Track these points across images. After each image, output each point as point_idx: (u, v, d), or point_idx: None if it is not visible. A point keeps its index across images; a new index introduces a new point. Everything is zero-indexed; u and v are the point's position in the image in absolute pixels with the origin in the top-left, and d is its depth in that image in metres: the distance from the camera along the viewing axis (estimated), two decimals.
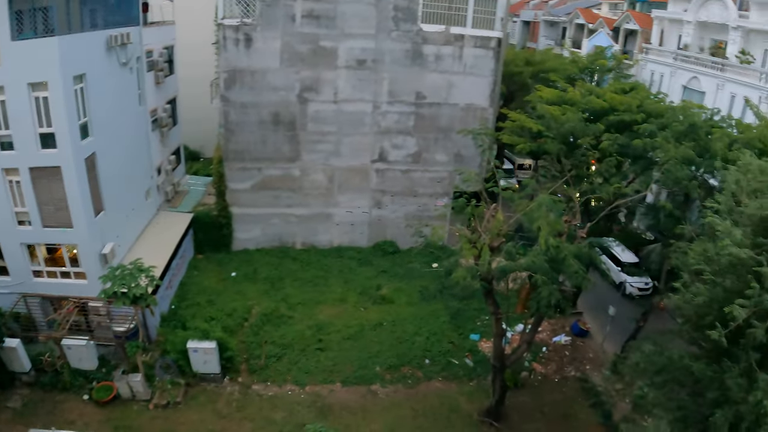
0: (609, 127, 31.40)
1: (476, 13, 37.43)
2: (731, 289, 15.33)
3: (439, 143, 39.99)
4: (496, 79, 39.45)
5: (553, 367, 31.35)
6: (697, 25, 49.18)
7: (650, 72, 51.36)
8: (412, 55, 37.34)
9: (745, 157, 18.45)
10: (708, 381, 15.93)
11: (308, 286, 35.92)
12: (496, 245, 23.04)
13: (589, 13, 69.35)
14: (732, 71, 42.62)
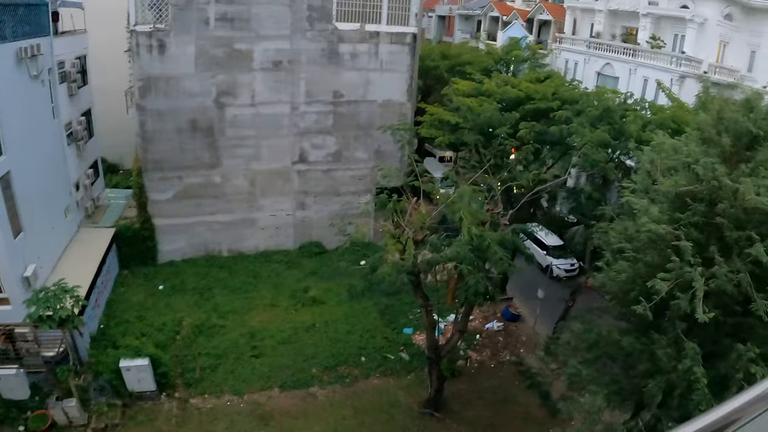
0: (525, 116, 32.19)
1: (391, 9, 37.67)
2: (653, 264, 15.88)
3: (359, 141, 40.13)
4: (413, 74, 39.84)
5: (488, 353, 31.90)
6: (608, 13, 50.81)
7: (564, 60, 52.76)
8: (328, 54, 37.30)
9: (658, 138, 18.99)
10: (638, 354, 16.45)
11: (238, 293, 35.47)
12: (420, 238, 23.23)
13: (503, 6, 70.40)
14: (644, 56, 44.45)
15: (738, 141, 16.59)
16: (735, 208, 14.60)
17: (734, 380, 13.88)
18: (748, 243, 14.01)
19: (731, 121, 16.52)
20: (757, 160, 16.00)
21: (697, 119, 19.17)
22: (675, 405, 15.42)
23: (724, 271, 13.97)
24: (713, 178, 14.76)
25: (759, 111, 16.75)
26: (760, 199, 13.63)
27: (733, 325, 15.21)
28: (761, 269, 13.63)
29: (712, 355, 15.23)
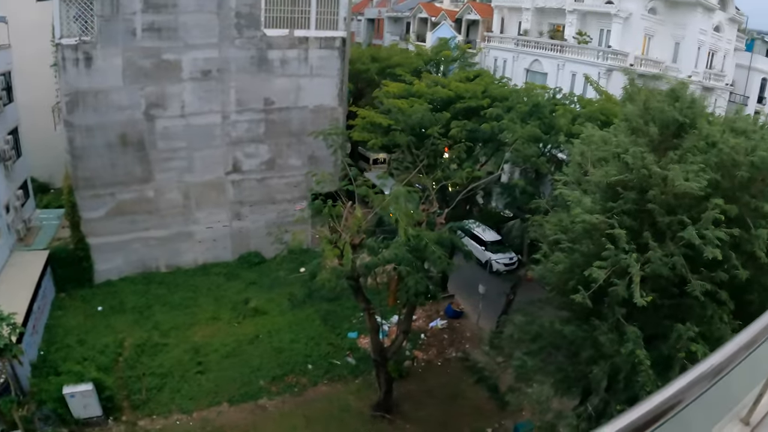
0: (457, 115, 32.65)
1: (319, 14, 37.60)
2: (589, 253, 16.29)
3: (292, 148, 39.86)
4: (343, 78, 39.88)
5: (434, 351, 32.12)
6: (535, 11, 51.92)
7: (494, 59, 53.62)
8: (257, 62, 36.98)
9: (587, 130, 19.47)
10: (581, 341, 16.82)
11: (178, 309, 34.71)
12: (357, 242, 23.20)
13: (432, 7, 71.10)
14: (571, 52, 45.71)
15: (665, 129, 17.17)
16: (665, 194, 15.09)
17: (677, 359, 14.36)
18: (680, 227, 14.51)
19: (658, 111, 17.09)
20: (684, 147, 16.59)
21: (624, 110, 19.73)
22: (621, 388, 15.88)
23: (658, 255, 14.43)
24: (643, 167, 15.23)
25: (684, 100, 17.38)
26: (689, 184, 14.10)
27: (671, 306, 15.72)
28: (694, 251, 14.11)
29: (653, 337, 15.75)
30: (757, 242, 14.08)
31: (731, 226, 14.18)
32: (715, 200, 14.32)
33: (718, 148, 15.95)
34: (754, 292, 15.47)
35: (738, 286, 14.79)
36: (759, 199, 15.16)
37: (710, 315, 14.71)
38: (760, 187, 15.56)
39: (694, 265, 14.52)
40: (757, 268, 14.77)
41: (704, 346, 13.82)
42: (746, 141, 15.75)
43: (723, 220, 14.11)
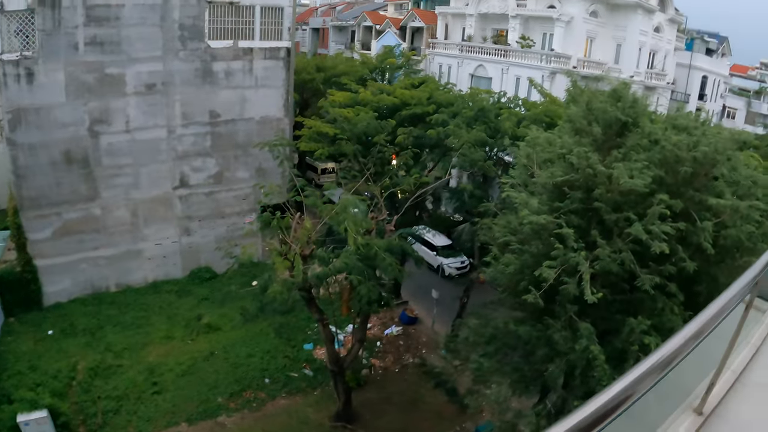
0: (403, 122, 32.85)
1: (264, 25, 37.38)
2: (538, 253, 16.48)
3: (239, 160, 39.47)
4: (289, 88, 39.69)
5: (390, 358, 32.10)
6: (478, 17, 52.53)
7: (438, 65, 54.06)
8: (202, 74, 36.52)
9: (532, 132, 19.71)
10: (536, 340, 16.94)
11: (131, 329, 33.87)
12: (307, 253, 23.06)
13: (376, 15, 71.52)
14: (515, 56, 46.50)
15: (608, 129, 17.48)
16: (611, 192, 15.34)
17: (630, 352, 14.57)
18: (626, 223, 14.77)
19: (600, 111, 17.38)
20: (628, 145, 16.93)
21: (568, 112, 20.04)
22: (578, 383, 16.08)
23: (606, 252, 14.66)
24: (588, 166, 15.45)
25: (626, 100, 17.73)
26: (633, 181, 14.35)
27: (622, 301, 16.02)
28: (642, 246, 14.37)
29: (606, 332, 15.98)
30: (702, 234, 14.38)
31: (677, 221, 14.52)
32: (660, 196, 14.61)
33: (660, 145, 16.31)
34: (703, 283, 15.83)
35: (686, 277, 15.12)
36: (703, 193, 15.52)
37: (661, 307, 15.02)
38: (703, 182, 15.95)
39: (643, 260, 14.79)
40: (704, 259, 15.12)
41: (657, 337, 14.06)
42: (688, 137, 16.12)
43: (668, 214, 14.42)
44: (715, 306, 3.42)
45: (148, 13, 33.95)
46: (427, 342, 33.28)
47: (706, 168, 15.68)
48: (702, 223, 14.57)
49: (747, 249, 15.51)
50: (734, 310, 3.84)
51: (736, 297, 3.69)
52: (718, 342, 4.47)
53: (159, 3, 34.16)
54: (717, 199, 14.94)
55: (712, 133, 16.92)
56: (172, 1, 34.57)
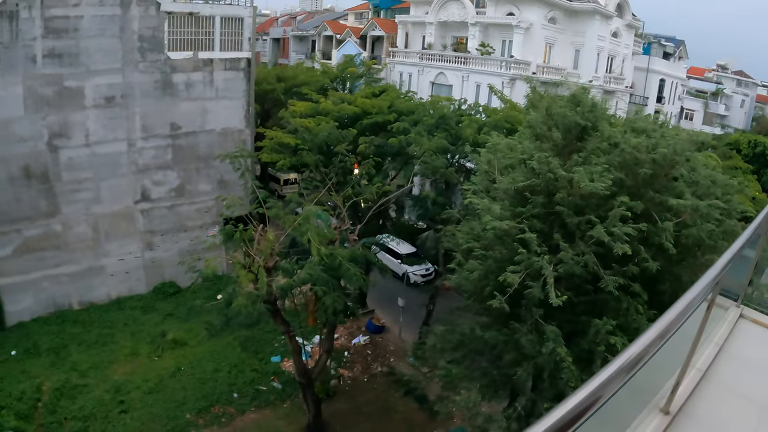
0: (364, 131, 32.93)
1: (224, 35, 37.29)
2: (502, 258, 16.56)
3: (201, 173, 39.20)
4: (250, 99, 39.62)
5: (359, 368, 32.00)
6: (438, 25, 52.93)
7: (399, 73, 54.26)
8: (162, 86, 36.21)
9: (493, 139, 19.81)
10: (503, 345, 17.01)
11: (95, 347, 33.29)
12: (271, 265, 22.89)
13: (337, 25, 71.71)
14: (475, 63, 46.97)
15: (568, 134, 17.67)
16: (572, 195, 15.47)
17: (597, 353, 14.70)
18: (588, 226, 14.88)
19: (560, 117, 17.56)
20: (588, 149, 17.13)
21: (528, 118, 20.24)
22: (547, 386, 16.21)
23: (569, 255, 14.77)
24: (549, 171, 15.57)
25: (585, 104, 17.95)
26: (594, 185, 14.48)
27: (587, 303, 16.15)
28: (605, 248, 14.50)
29: (573, 333, 16.11)
30: (664, 234, 14.56)
31: (638, 222, 14.70)
32: (621, 198, 14.78)
33: (620, 148, 16.50)
34: (666, 282, 16.06)
35: (650, 277, 15.29)
36: (663, 194, 15.74)
37: (626, 307, 15.17)
38: (663, 182, 16.17)
39: (606, 262, 14.93)
40: (666, 259, 15.32)
41: (623, 338, 14.20)
42: (647, 140, 16.34)
43: (630, 216, 14.59)
44: (679, 306, 3.43)
45: (107, 24, 33.66)
46: (395, 350, 33.27)
47: (665, 169, 15.90)
48: (663, 223, 14.76)
49: (708, 247, 15.79)
50: (697, 309, 3.86)
51: (699, 296, 3.71)
52: (682, 341, 4.49)
53: (118, 14, 33.88)
54: (677, 199, 15.14)
55: (671, 135, 17.19)
56: (132, 11, 34.31)
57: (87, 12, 32.95)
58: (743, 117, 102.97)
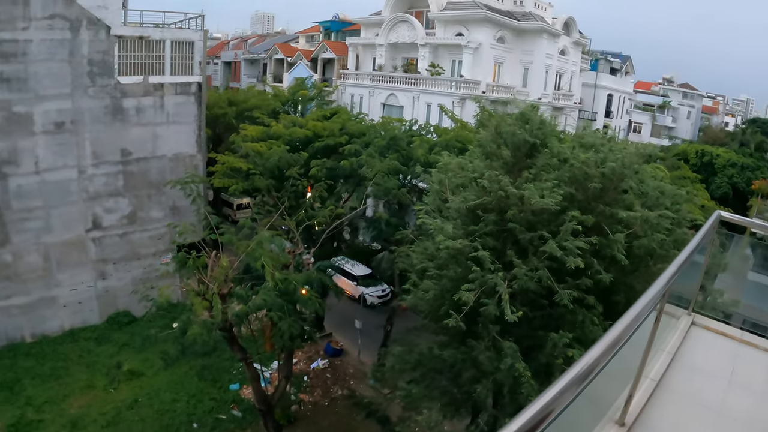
0: (316, 154, 32.89)
1: (174, 59, 36.94)
2: (456, 277, 16.61)
3: (153, 199, 38.54)
4: (201, 124, 39.25)
5: (319, 392, 31.73)
6: (389, 46, 53.34)
7: (350, 95, 54.48)
8: (112, 111, 35.56)
9: (444, 158, 19.95)
10: (461, 363, 17.03)
11: (50, 381, 32.37)
12: (225, 292, 22.60)
13: (288, 48, 71.87)
14: (425, 83, 47.43)
15: (518, 151, 17.89)
16: (524, 212, 15.63)
17: (556, 366, 14.81)
18: (541, 241, 15.05)
19: (509, 135, 17.78)
20: (538, 165, 17.36)
21: (478, 137, 20.45)
22: (507, 401, 16.23)
23: (523, 271, 14.89)
24: (499, 189, 15.73)
25: (534, 122, 18.21)
26: (544, 201, 14.65)
27: (543, 317, 16.32)
28: (558, 262, 14.68)
29: (530, 348, 16.24)
30: (616, 246, 14.80)
31: (590, 235, 14.91)
32: (572, 212, 14.98)
33: (569, 163, 16.77)
34: (620, 293, 16.30)
35: (604, 289, 15.48)
36: (613, 207, 16.02)
37: (581, 320, 15.33)
38: (613, 195, 16.45)
39: (560, 276, 15.08)
40: (619, 270, 15.57)
41: (580, 350, 14.31)
42: (595, 154, 16.62)
43: (581, 230, 14.79)
44: (628, 317, 3.44)
45: (56, 49, 33.03)
46: (355, 373, 33.10)
47: (614, 182, 16.18)
48: (614, 235, 15.00)
49: (660, 256, 16.08)
50: (647, 319, 3.88)
51: (647, 307, 3.73)
52: (634, 352, 4.51)
53: (68, 38, 33.28)
54: (627, 211, 15.42)
55: (619, 149, 17.49)
56: (81, 35, 33.73)
57: (36, 36, 32.31)
58: (690, 128, 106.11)
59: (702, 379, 6.32)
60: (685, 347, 6.77)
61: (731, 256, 13.46)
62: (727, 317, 8.86)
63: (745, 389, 6.28)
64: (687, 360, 6.47)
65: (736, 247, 13.22)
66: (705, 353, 6.93)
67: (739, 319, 10.66)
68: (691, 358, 6.58)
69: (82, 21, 33.72)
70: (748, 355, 7.05)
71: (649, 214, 15.58)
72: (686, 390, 5.86)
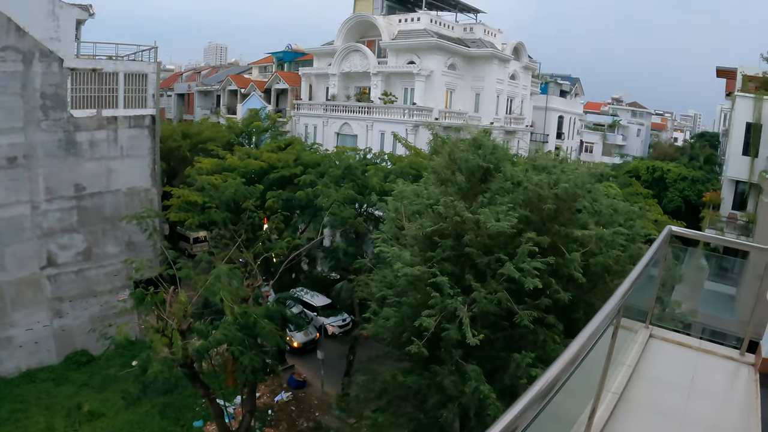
0: (271, 185, 32.84)
1: (128, 92, 36.63)
2: (416, 303, 16.66)
3: (108, 235, 37.89)
4: (155, 157, 38.92)
5: (284, 425, 31.37)
6: (341, 76, 53.70)
7: (304, 125, 54.62)
8: (65, 145, 35.01)
9: (399, 186, 20.07)
10: (426, 388, 17.02)
11: (8, 424, 31.29)
12: (185, 328, 22.29)
13: (241, 79, 71.89)
14: (378, 112, 47.80)
15: (472, 176, 18.13)
16: (480, 236, 15.79)
17: (520, 386, 14.90)
18: (498, 264, 15.19)
19: (463, 160, 18.02)
20: (492, 189, 17.62)
21: (432, 163, 20.65)
22: (474, 424, 16.26)
23: (482, 294, 15.00)
24: (455, 214, 15.88)
25: (486, 147, 18.48)
26: (500, 224, 14.83)
27: (505, 338, 16.47)
28: (516, 284, 14.82)
29: (494, 370, 16.36)
30: (572, 265, 15.03)
31: (547, 255, 15.10)
32: (528, 234, 15.18)
33: (523, 186, 17.03)
34: (580, 310, 16.54)
35: (563, 307, 15.71)
36: (568, 226, 16.28)
37: (543, 339, 15.51)
38: (567, 216, 16.72)
39: (519, 297, 15.24)
40: (577, 288, 15.83)
41: (543, 369, 14.34)
42: (548, 176, 16.92)
43: (538, 251, 14.98)
44: (585, 333, 3.52)
45: (8, 81, 32.56)
46: (319, 404, 32.81)
47: (568, 203, 16.45)
48: (570, 254, 15.23)
49: (617, 272, 16.39)
50: (604, 334, 3.96)
51: (603, 323, 3.81)
52: (594, 367, 4.59)
53: (20, 70, 32.85)
54: (582, 230, 15.68)
55: (571, 170, 17.85)
56: (34, 68, 33.32)
57: None
58: (640, 145, 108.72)
59: (663, 389, 6.44)
60: (645, 359, 6.90)
61: (687, 268, 13.79)
62: (687, 327, 9.06)
63: (706, 396, 6.42)
64: (647, 372, 6.60)
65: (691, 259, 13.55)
66: (664, 364, 7.07)
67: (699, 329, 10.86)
68: (651, 369, 6.71)
69: (35, 53, 33.36)
70: (707, 363, 7.23)
71: (604, 232, 15.91)
72: (648, 401, 5.97)
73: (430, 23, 50.57)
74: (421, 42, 47.99)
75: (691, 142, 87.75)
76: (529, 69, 58.77)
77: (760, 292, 7.89)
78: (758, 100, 35.42)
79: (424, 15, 50.81)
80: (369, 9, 55.99)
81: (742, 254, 11.57)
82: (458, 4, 57.29)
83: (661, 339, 7.69)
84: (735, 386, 6.91)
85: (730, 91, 45.65)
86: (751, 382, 6.68)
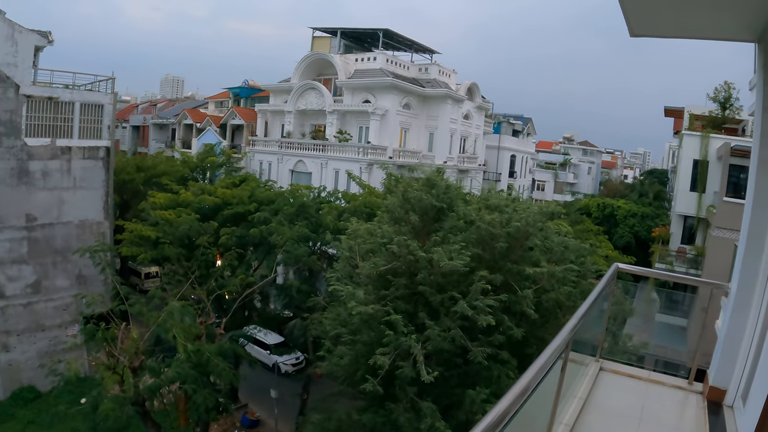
0: (225, 222, 32.66)
1: (83, 122, 36.04)
2: (370, 341, 16.70)
3: (58, 267, 36.88)
4: (109, 189, 38.25)
5: None
6: (297, 113, 54.03)
7: (259, 162, 54.52)
8: (18, 173, 34.09)
9: (353, 225, 20.20)
10: (381, 426, 16.96)
11: None
12: (137, 365, 21.95)
13: (197, 113, 71.58)
14: (333, 150, 48.17)
15: (425, 215, 18.35)
16: (433, 275, 15.96)
17: (476, 422, 14.83)
18: (452, 302, 15.36)
19: (416, 200, 18.24)
20: (445, 228, 17.84)
21: (386, 203, 20.83)
22: None
23: (436, 332, 15.12)
24: (409, 253, 16.06)
25: (439, 187, 18.75)
26: (453, 263, 15.03)
27: (459, 375, 16.57)
28: (470, 321, 14.99)
29: (449, 407, 16.43)
30: (525, 302, 15.30)
31: (499, 293, 15.36)
32: (481, 272, 15.41)
33: (476, 225, 17.30)
34: (533, 346, 16.76)
35: (516, 343, 15.90)
36: (520, 264, 16.57)
37: (497, 375, 15.67)
38: (519, 253, 17.01)
39: (473, 334, 15.40)
40: (530, 324, 16.11)
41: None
42: (500, 215, 17.21)
43: (491, 288, 15.21)
44: (534, 367, 3.64)
45: None
46: None
47: (520, 241, 16.75)
48: (523, 291, 15.48)
49: (569, 307, 16.70)
50: (553, 368, 4.09)
51: (552, 357, 3.94)
52: (545, 401, 4.71)
53: None
54: (534, 267, 15.98)
55: (523, 209, 18.19)
56: None
57: None
58: (591, 182, 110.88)
59: (614, 419, 6.60)
60: (596, 391, 7.07)
61: (638, 302, 14.09)
62: (640, 360, 9.27)
63: (656, 425, 6.61)
64: (598, 403, 6.76)
65: (641, 293, 13.87)
66: (615, 395, 7.25)
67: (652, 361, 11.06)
68: (602, 401, 6.88)
69: None
70: (657, 393, 7.44)
71: (555, 269, 16.22)
72: (599, 431, 6.10)
73: (386, 63, 51.33)
74: (376, 81, 48.65)
75: (641, 179, 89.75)
76: (482, 109, 59.76)
77: (707, 322, 8.19)
78: (705, 138, 36.80)
79: (380, 55, 51.56)
80: (326, 48, 56.65)
81: (691, 288, 11.91)
82: (414, 44, 58.18)
83: (611, 371, 7.89)
84: (684, 414, 7.12)
85: (678, 130, 47.22)
86: (699, 410, 6.89)
